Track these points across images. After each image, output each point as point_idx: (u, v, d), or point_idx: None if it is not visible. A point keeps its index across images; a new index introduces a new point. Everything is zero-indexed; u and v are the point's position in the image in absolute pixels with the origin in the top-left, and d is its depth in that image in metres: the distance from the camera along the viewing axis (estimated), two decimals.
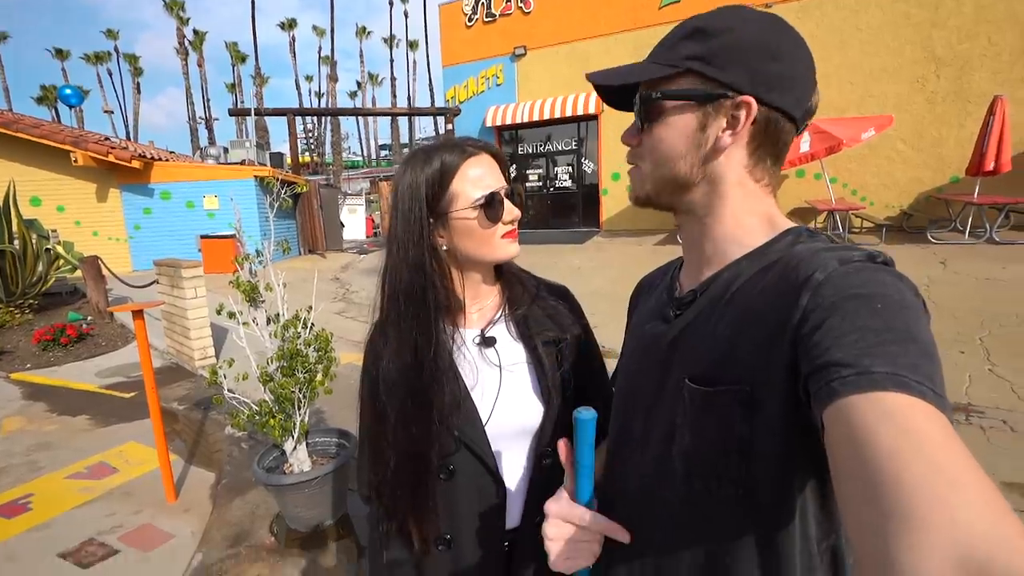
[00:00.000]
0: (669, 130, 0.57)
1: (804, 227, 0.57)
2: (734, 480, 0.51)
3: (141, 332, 2.53)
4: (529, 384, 0.83)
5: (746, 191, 0.57)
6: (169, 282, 4.76)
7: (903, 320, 0.41)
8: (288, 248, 2.55)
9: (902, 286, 0.44)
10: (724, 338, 0.53)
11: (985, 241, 7.13)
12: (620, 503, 0.65)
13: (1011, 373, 3.33)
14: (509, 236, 0.81)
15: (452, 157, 0.78)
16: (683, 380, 0.55)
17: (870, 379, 0.37)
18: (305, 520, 2.30)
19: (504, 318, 0.87)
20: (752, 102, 0.52)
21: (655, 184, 0.60)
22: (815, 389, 0.41)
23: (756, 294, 0.52)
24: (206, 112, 41.93)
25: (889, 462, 0.33)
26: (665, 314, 0.64)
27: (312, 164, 35.86)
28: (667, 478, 0.57)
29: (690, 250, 0.64)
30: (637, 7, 10.81)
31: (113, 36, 41.29)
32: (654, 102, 0.57)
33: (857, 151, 8.75)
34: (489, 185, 0.79)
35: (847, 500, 0.36)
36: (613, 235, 11.00)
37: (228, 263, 2.35)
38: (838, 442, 0.37)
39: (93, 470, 3.06)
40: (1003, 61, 8.26)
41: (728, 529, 0.53)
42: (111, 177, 10.25)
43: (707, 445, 0.53)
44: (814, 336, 0.42)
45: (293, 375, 2.19)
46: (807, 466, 0.49)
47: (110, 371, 4.95)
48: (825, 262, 0.46)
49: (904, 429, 0.34)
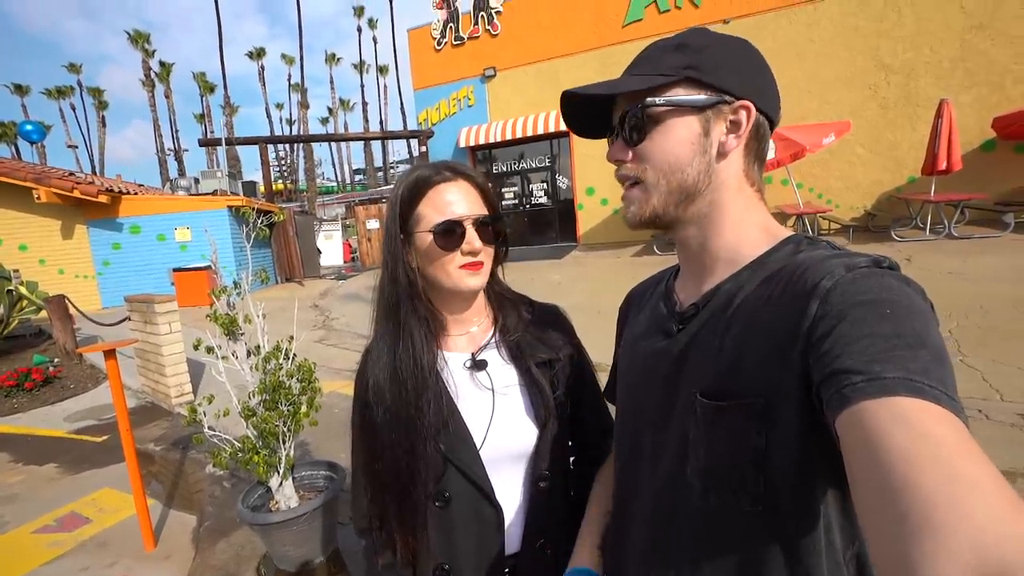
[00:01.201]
0: (672, 138, 0.56)
1: (802, 235, 0.58)
2: (752, 493, 0.50)
3: (114, 372, 2.44)
4: (523, 407, 0.82)
5: (745, 197, 0.59)
6: (142, 318, 4.62)
7: (912, 325, 0.41)
8: (267, 278, 2.51)
9: (909, 290, 0.44)
10: (732, 351, 0.52)
11: (944, 237, 7.44)
12: (636, 523, 0.63)
13: (981, 363, 3.45)
14: (469, 268, 0.78)
15: (426, 176, 0.79)
16: (694, 395, 0.54)
17: (882, 385, 0.37)
18: (294, 559, 2.22)
19: (496, 342, 0.86)
20: (751, 106, 0.55)
21: (663, 197, 0.58)
22: (827, 397, 0.41)
23: (762, 305, 0.51)
24: (175, 143, 41.31)
25: (905, 467, 0.32)
26: (667, 328, 0.63)
27: (286, 191, 35.52)
28: (683, 495, 0.56)
29: (689, 262, 0.64)
30: (601, 26, 11.14)
31: (76, 70, 40.51)
32: (653, 110, 0.56)
33: (820, 156, 9.09)
34: (454, 212, 0.77)
35: (864, 506, 0.36)
36: (590, 248, 11.13)
37: (203, 295, 2.29)
38: (853, 448, 0.37)
39: (63, 522, 2.90)
40: (944, 68, 8.77)
41: (750, 544, 0.52)
42: (77, 213, 9.96)
43: (722, 459, 0.52)
44: (824, 344, 0.42)
45: (276, 408, 2.14)
46: (826, 474, 0.48)
47: (80, 414, 4.74)
48: (832, 269, 0.46)
49: (919, 433, 0.34)
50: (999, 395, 3.05)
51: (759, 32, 9.82)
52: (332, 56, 44.21)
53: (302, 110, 39.96)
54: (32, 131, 17.23)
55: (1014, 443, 2.58)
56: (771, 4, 9.79)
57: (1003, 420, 2.79)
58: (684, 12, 10.41)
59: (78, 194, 9.22)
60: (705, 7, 10.26)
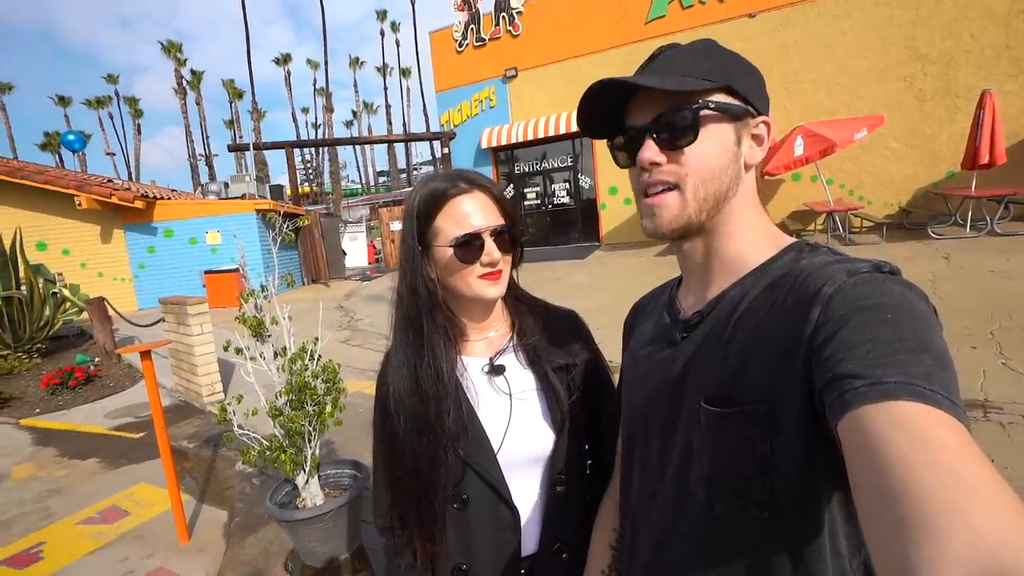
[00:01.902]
0: (715, 144, 0.56)
1: (804, 241, 0.58)
2: (757, 501, 0.50)
3: (149, 372, 2.54)
4: (540, 412, 0.83)
5: (754, 206, 0.60)
6: (175, 319, 4.78)
7: (913, 329, 0.41)
8: (292, 281, 2.57)
9: (911, 295, 0.44)
10: (736, 358, 0.52)
11: (987, 234, 7.10)
12: (643, 532, 0.63)
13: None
14: (489, 278, 0.80)
15: (442, 188, 0.79)
16: (698, 403, 0.54)
17: (883, 389, 0.37)
18: (320, 555, 2.26)
19: (513, 346, 0.87)
20: (770, 122, 0.58)
21: (700, 203, 0.56)
22: (829, 402, 0.41)
23: (766, 312, 0.51)
24: (206, 149, 42.70)
25: (905, 471, 0.32)
26: (671, 337, 0.63)
27: (312, 194, 36.29)
28: (688, 503, 0.56)
29: (693, 270, 0.64)
30: (623, 23, 11.03)
31: (113, 81, 42.33)
32: (706, 112, 0.54)
33: (851, 152, 8.79)
34: (472, 225, 0.78)
35: (865, 510, 0.35)
36: (613, 248, 11.03)
37: (232, 297, 2.37)
38: (854, 453, 0.37)
39: (104, 514, 3.03)
40: (986, 56, 8.35)
41: (756, 553, 0.52)
42: (115, 218, 10.39)
43: (727, 466, 0.52)
44: (826, 349, 0.43)
45: (302, 408, 2.18)
46: (831, 481, 0.48)
47: (119, 412, 4.94)
48: (834, 275, 0.46)
49: (919, 437, 0.34)
50: None
51: (786, 25, 9.56)
52: (356, 60, 45.00)
53: (327, 114, 40.79)
54: (74, 141, 18.01)
55: None
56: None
57: None
58: (708, 8, 10.21)
59: (116, 200, 9.61)
60: (729, 2, 10.03)
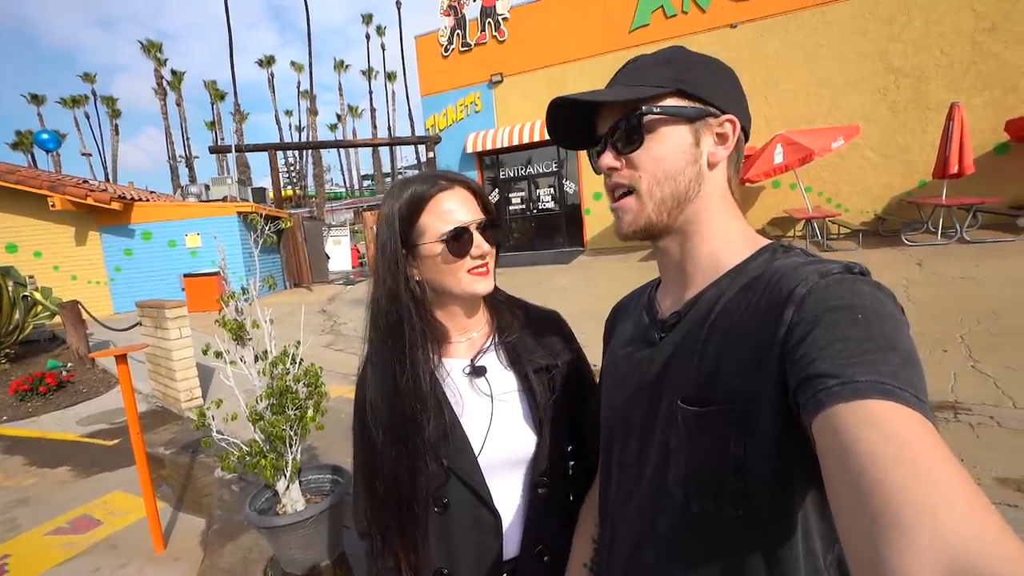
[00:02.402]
0: (667, 146, 0.58)
1: (779, 243, 0.60)
2: (732, 500, 0.51)
3: (125, 377, 2.48)
4: (521, 413, 0.82)
5: (728, 206, 0.61)
6: (153, 323, 4.68)
7: (882, 329, 0.42)
8: (274, 284, 2.54)
9: (880, 295, 0.45)
10: (713, 358, 0.53)
11: (956, 241, 7.34)
12: (621, 532, 0.64)
13: (993, 369, 3.40)
14: (478, 272, 0.80)
15: (423, 189, 0.79)
16: (676, 403, 0.55)
17: (854, 388, 0.38)
18: (300, 562, 2.23)
19: (494, 347, 0.86)
20: (736, 120, 0.58)
21: (657, 204, 0.59)
22: (803, 401, 0.42)
23: (741, 312, 0.52)
24: (186, 150, 41.87)
25: (873, 468, 0.33)
26: (649, 337, 0.64)
27: (295, 197, 35.84)
28: (666, 503, 0.57)
29: (670, 271, 0.65)
30: (608, 31, 11.17)
31: (90, 80, 41.30)
32: (650, 118, 0.57)
33: (829, 160, 9.03)
34: (458, 219, 0.78)
35: (838, 507, 0.36)
36: (598, 253, 11.11)
37: (212, 301, 2.33)
38: (826, 451, 0.38)
39: (75, 524, 2.94)
40: (955, 70, 8.69)
41: (731, 552, 0.52)
42: (90, 220, 10.13)
43: (703, 465, 0.53)
44: (799, 349, 0.44)
45: (283, 412, 2.16)
46: (804, 479, 0.48)
47: (92, 418, 4.80)
48: (806, 276, 0.48)
49: (886, 435, 0.35)
50: (1012, 402, 2.99)
51: (767, 36, 9.80)
52: (341, 63, 44.68)
53: (311, 116, 40.41)
54: (48, 140, 17.50)
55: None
56: (778, 8, 9.76)
57: (1015, 427, 2.74)
58: (691, 17, 10.41)
59: (91, 201, 9.37)
60: (712, 12, 10.25)
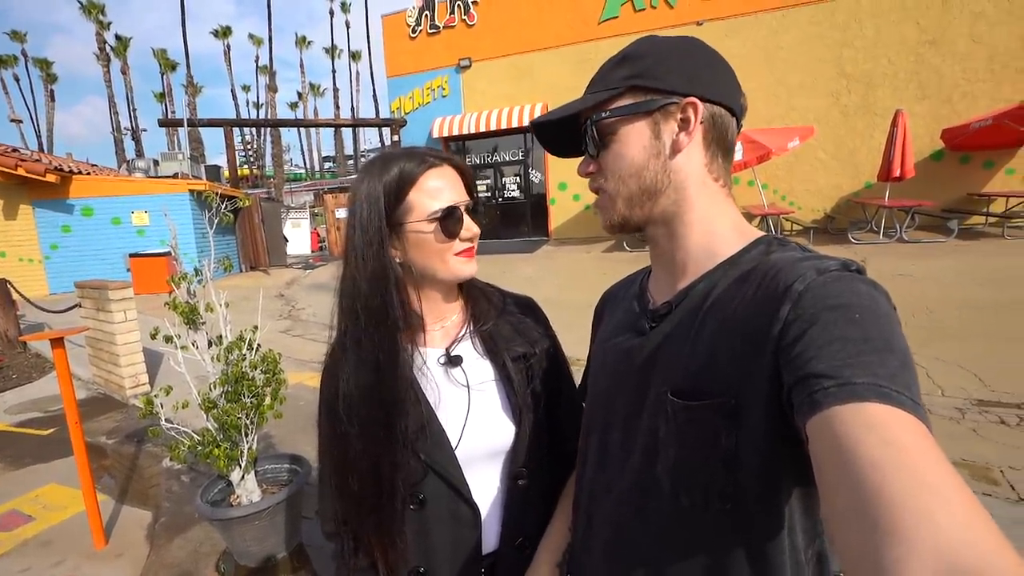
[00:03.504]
0: (625, 145, 0.59)
1: (773, 235, 0.59)
2: (720, 494, 0.50)
3: (62, 362, 2.32)
4: (499, 403, 0.80)
5: (709, 192, 0.59)
6: (94, 305, 4.39)
7: (879, 329, 0.42)
8: (230, 266, 2.42)
9: (876, 294, 0.45)
10: (704, 350, 0.52)
11: (896, 240, 7.84)
12: (602, 521, 0.63)
13: (925, 361, 3.66)
14: (465, 254, 0.78)
15: (411, 166, 0.74)
16: (665, 394, 0.55)
17: (851, 390, 0.38)
18: (256, 554, 2.17)
19: (470, 335, 0.83)
20: (697, 101, 0.56)
21: (626, 201, 0.60)
22: (798, 401, 0.41)
23: (735, 305, 0.51)
24: (132, 122, 39.22)
25: (872, 474, 0.33)
26: (639, 326, 0.63)
27: (251, 177, 34.33)
28: (651, 492, 0.56)
29: (661, 261, 0.64)
30: (577, 22, 11.16)
31: (20, 39, 37.94)
32: (603, 122, 0.59)
33: (784, 160, 9.42)
34: (449, 199, 0.75)
35: (833, 512, 0.36)
36: (562, 243, 11.22)
37: (161, 283, 2.20)
38: (823, 454, 0.38)
39: (2, 520, 2.74)
40: (900, 79, 9.22)
41: (717, 544, 0.52)
42: (22, 192, 9.37)
43: (692, 459, 0.52)
44: (796, 347, 0.43)
45: (239, 400, 2.07)
46: (792, 475, 0.48)
47: (22, 406, 4.48)
48: (804, 272, 0.47)
49: (884, 440, 0.35)
50: (940, 391, 3.25)
51: (731, 35, 10.04)
52: (303, 39, 42.85)
53: (270, 93, 38.65)
54: None
55: (952, 436, 2.75)
56: (743, 8, 10.02)
57: (943, 414, 2.98)
58: (659, 12, 10.54)
59: (23, 172, 8.66)
60: (679, 8, 10.41)
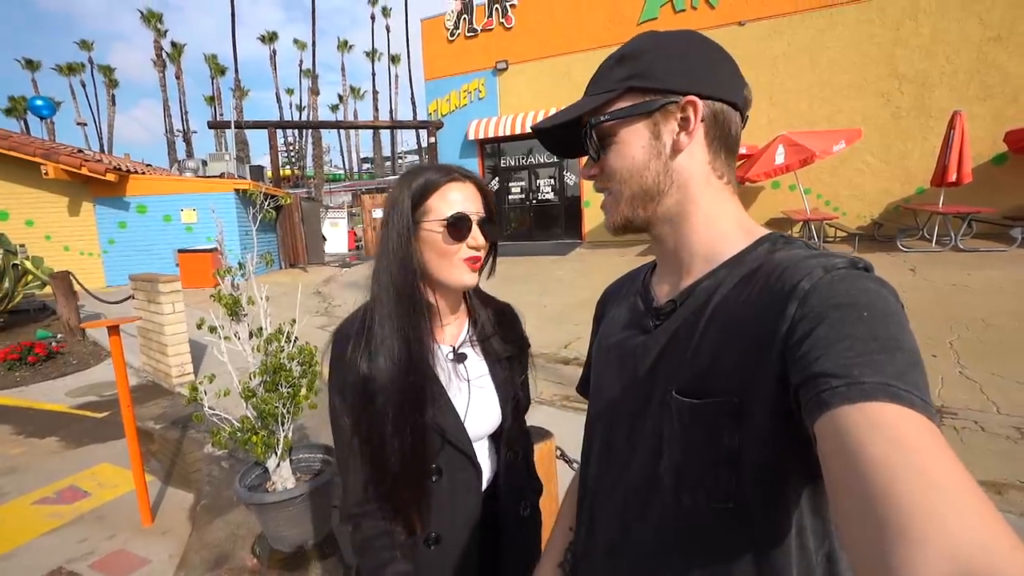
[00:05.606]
0: (625, 147, 0.59)
1: (779, 233, 0.58)
2: (725, 493, 0.50)
3: (117, 348, 2.47)
4: (492, 396, 0.93)
5: (713, 190, 0.58)
6: (146, 297, 4.65)
7: (887, 328, 0.41)
8: (271, 261, 2.53)
9: (884, 292, 0.44)
10: (710, 349, 0.52)
11: (950, 249, 7.40)
12: (606, 520, 0.63)
13: (979, 375, 3.45)
14: (470, 263, 0.85)
15: (436, 177, 0.85)
16: (669, 392, 0.54)
17: (860, 389, 0.37)
18: (288, 540, 2.25)
19: (470, 337, 0.95)
20: (696, 100, 0.55)
21: (628, 202, 0.60)
22: (806, 400, 0.40)
23: (740, 304, 0.51)
24: (184, 125, 41.30)
25: (882, 474, 0.33)
26: (643, 324, 0.62)
27: (293, 177, 35.52)
28: (656, 493, 0.56)
29: (666, 259, 0.64)
30: (616, 23, 11.07)
31: (87, 47, 40.54)
32: (602, 126, 0.59)
33: (829, 163, 9.04)
34: (462, 208, 0.84)
35: (842, 513, 0.35)
36: (596, 246, 11.11)
37: (207, 277, 2.31)
38: (831, 454, 0.37)
39: (63, 494, 2.94)
40: (959, 79, 8.69)
41: (722, 545, 0.52)
42: (84, 190, 10.00)
43: (696, 458, 0.52)
44: (803, 346, 0.42)
45: (276, 390, 2.16)
46: (800, 476, 0.48)
47: (81, 390, 4.78)
48: (810, 270, 0.46)
49: (894, 439, 0.34)
50: (996, 408, 3.04)
51: (773, 36, 9.74)
52: (344, 43, 44.08)
53: (312, 96, 39.90)
54: (43, 106, 17.21)
55: (1008, 456, 2.58)
56: (787, 8, 9.69)
57: (999, 432, 2.79)
58: (700, 13, 10.33)
59: (86, 171, 9.25)
60: (721, 8, 10.17)
